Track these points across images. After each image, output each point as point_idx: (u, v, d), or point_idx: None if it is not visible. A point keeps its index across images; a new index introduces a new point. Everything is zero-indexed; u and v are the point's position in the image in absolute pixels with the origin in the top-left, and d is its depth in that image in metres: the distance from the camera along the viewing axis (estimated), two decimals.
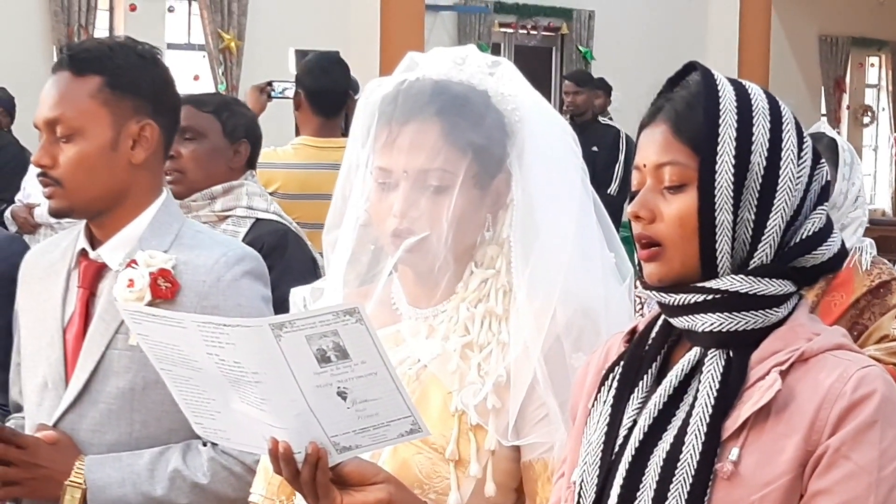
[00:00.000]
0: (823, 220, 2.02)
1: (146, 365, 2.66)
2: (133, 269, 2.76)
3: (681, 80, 2.06)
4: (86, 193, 2.79)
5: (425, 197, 2.44)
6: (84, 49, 2.86)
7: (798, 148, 2.01)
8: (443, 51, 2.59)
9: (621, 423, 2.03)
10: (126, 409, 2.78)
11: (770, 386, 1.93)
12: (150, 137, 2.83)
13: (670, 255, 1.99)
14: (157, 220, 2.85)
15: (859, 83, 22.55)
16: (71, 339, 2.82)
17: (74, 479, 2.72)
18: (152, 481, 2.74)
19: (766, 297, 1.97)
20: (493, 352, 2.44)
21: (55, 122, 2.78)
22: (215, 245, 2.89)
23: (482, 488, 2.40)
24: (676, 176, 1.99)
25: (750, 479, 1.92)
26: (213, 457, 2.76)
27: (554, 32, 17.71)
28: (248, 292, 2.84)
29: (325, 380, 1.92)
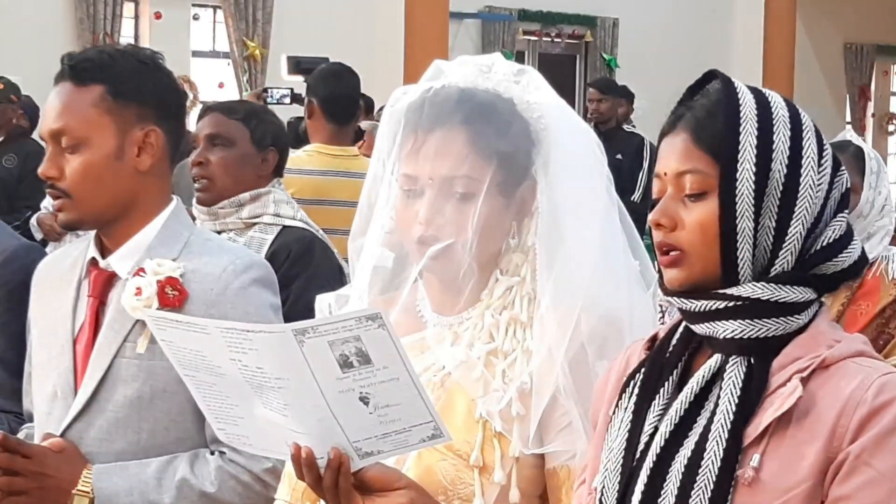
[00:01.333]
0: (844, 228, 2.03)
1: (154, 374, 2.69)
2: (141, 277, 2.74)
3: (701, 89, 2.07)
4: (94, 203, 2.77)
5: (451, 204, 2.44)
6: (85, 58, 2.82)
7: (818, 156, 2.01)
8: (468, 59, 2.58)
9: (642, 429, 2.03)
10: (134, 417, 2.77)
11: (791, 393, 1.93)
12: (156, 144, 2.82)
13: (691, 262, 1.99)
14: (166, 228, 2.83)
15: (884, 91, 22.51)
16: (81, 349, 2.80)
17: (82, 488, 2.71)
18: (160, 490, 2.73)
19: (787, 304, 1.98)
20: (518, 359, 2.44)
21: (59, 133, 2.77)
22: (224, 253, 2.87)
23: (506, 495, 2.40)
24: (697, 184, 1.99)
25: (771, 486, 1.92)
26: (221, 465, 2.75)
27: (578, 40, 17.72)
28: (257, 300, 2.82)
29: (348, 385, 1.92)
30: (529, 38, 17.25)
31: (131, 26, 13.87)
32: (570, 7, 17.29)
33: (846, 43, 21.18)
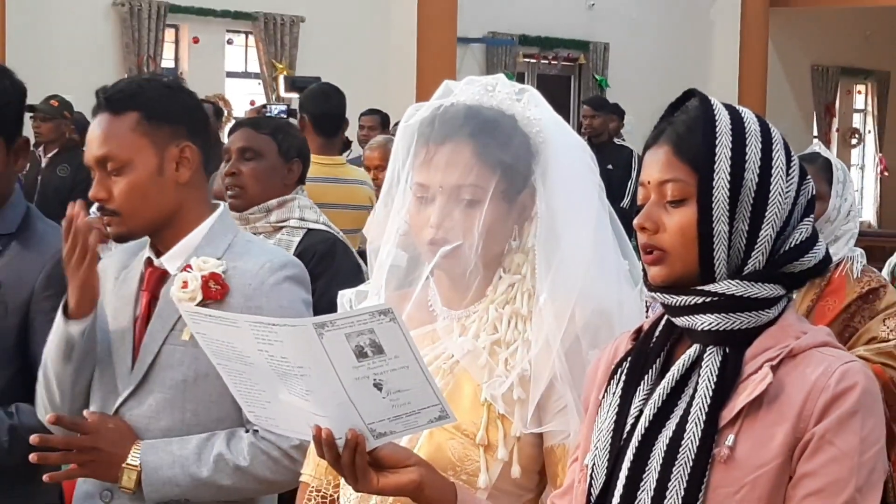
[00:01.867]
0: (809, 231, 2.03)
1: (197, 359, 2.69)
2: (188, 272, 2.77)
3: (681, 106, 2.07)
4: (141, 218, 2.79)
5: (459, 210, 2.45)
6: (118, 90, 2.82)
7: (786, 166, 2.01)
8: (474, 79, 2.58)
9: (629, 412, 2.03)
10: (179, 398, 2.78)
11: (762, 379, 1.93)
12: (191, 157, 2.83)
13: (672, 261, 1.99)
14: (212, 231, 2.85)
15: (848, 108, 22.47)
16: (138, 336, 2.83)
17: (131, 462, 2.72)
18: (199, 463, 2.73)
19: (758, 299, 1.98)
20: (519, 349, 2.44)
21: (104, 159, 2.77)
22: (262, 253, 2.88)
23: (508, 471, 2.40)
24: (678, 191, 1.99)
25: (744, 463, 1.92)
26: (253, 442, 2.75)
27: (572, 62, 17.69)
28: (290, 295, 2.83)
29: (363, 373, 1.91)
30: (529, 61, 17.22)
31: (172, 50, 13.86)
32: (566, 33, 17.28)
33: (813, 65, 21.14)
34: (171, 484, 2.73)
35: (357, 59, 14.75)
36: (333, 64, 14.46)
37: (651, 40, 18.14)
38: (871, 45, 21.94)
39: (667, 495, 1.93)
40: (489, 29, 16.37)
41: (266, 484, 2.81)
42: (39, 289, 3.02)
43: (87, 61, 12.44)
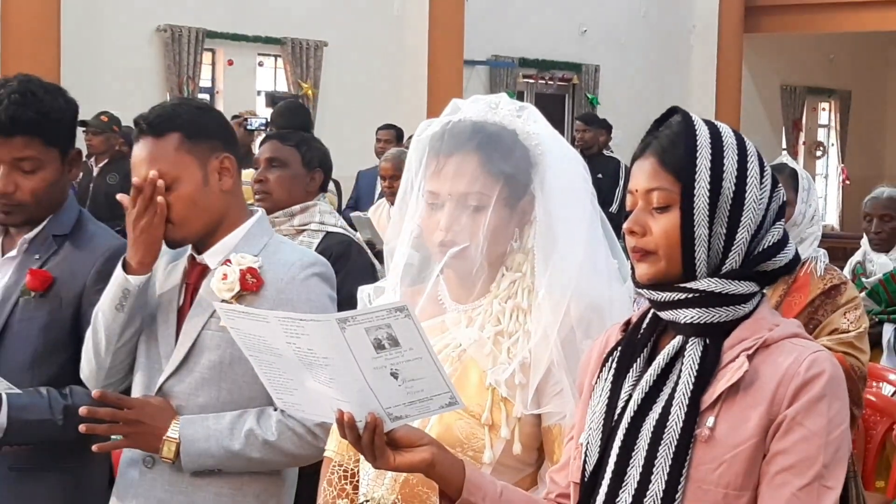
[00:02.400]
0: (781, 233, 2.02)
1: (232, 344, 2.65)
2: (227, 266, 2.78)
3: (665, 121, 2.06)
4: (193, 225, 2.79)
5: (466, 215, 2.45)
6: (156, 115, 2.81)
7: (760, 175, 2.00)
8: (480, 97, 2.58)
9: (619, 396, 2.03)
10: (215, 378, 2.79)
11: (739, 367, 1.93)
12: (230, 166, 2.83)
13: (658, 261, 1.99)
14: (250, 233, 2.85)
15: (813, 124, 22.44)
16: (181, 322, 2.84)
17: (171, 435, 2.73)
18: (231, 438, 2.74)
19: (735, 295, 1.97)
20: (520, 339, 2.44)
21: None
22: (294, 252, 2.89)
23: (510, 448, 2.41)
24: (662, 199, 1.99)
25: (723, 442, 1.92)
26: (281, 419, 2.75)
27: (567, 82, 17.67)
28: (317, 290, 2.84)
29: (381, 363, 1.91)
30: (528, 81, 17.20)
31: (209, 71, 13.86)
32: (561, 56, 17.27)
33: (782, 85, 21.12)
34: (206, 455, 2.74)
35: (374, 79, 14.76)
36: (353, 84, 14.50)
37: (637, 63, 18.15)
38: (835, 66, 21.94)
39: (653, 471, 1.93)
40: (492, 52, 16.36)
41: (291, 457, 2.81)
42: (90, 283, 3.02)
43: (133, 81, 12.46)
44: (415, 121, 3.75)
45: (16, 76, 3.07)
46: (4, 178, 2.99)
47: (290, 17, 13.99)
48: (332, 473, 2.63)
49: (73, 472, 3.03)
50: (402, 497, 2.43)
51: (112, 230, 3.25)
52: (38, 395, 2.95)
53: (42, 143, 3.00)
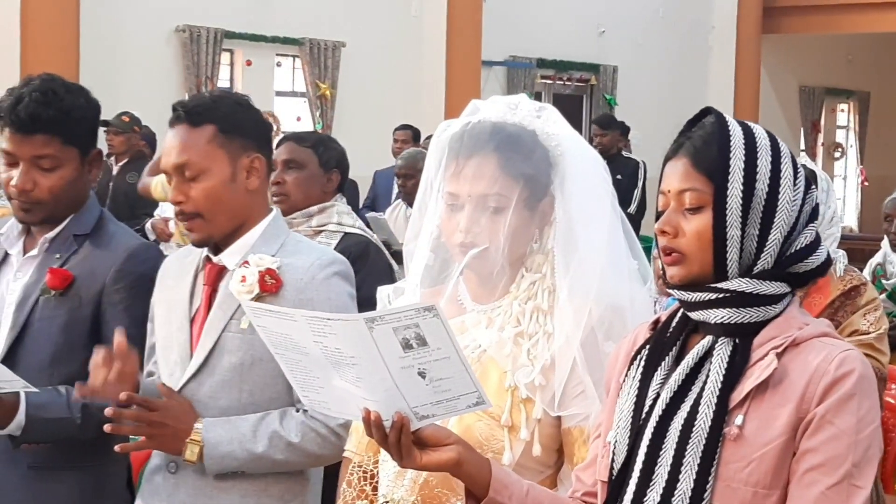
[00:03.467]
0: (813, 235, 2.02)
1: (253, 345, 2.70)
2: (246, 267, 2.76)
3: (698, 122, 2.05)
4: (219, 220, 2.79)
5: (486, 216, 2.45)
6: (196, 104, 2.83)
7: (794, 177, 2.00)
8: (499, 98, 2.58)
9: (647, 395, 2.02)
10: (236, 380, 2.78)
11: (768, 365, 1.92)
12: (260, 167, 2.83)
13: (689, 262, 1.98)
14: (266, 232, 2.85)
15: (832, 125, 22.38)
16: (196, 326, 2.82)
17: (194, 437, 2.72)
18: (255, 440, 2.73)
19: (766, 296, 1.97)
20: (540, 340, 2.44)
21: (183, 166, 2.77)
22: (312, 251, 2.88)
23: (530, 449, 2.40)
24: (695, 200, 1.98)
25: (752, 441, 1.91)
26: (304, 420, 2.75)
27: (585, 83, 17.65)
28: (337, 289, 2.82)
29: (408, 363, 1.90)
30: (546, 82, 17.18)
31: (227, 71, 13.86)
32: (578, 57, 17.25)
33: (801, 86, 21.06)
34: (230, 458, 2.73)
35: (392, 80, 14.76)
36: (370, 84, 14.50)
37: (655, 63, 18.10)
38: (853, 67, 21.87)
39: (682, 470, 1.93)
40: (510, 53, 16.35)
41: (314, 458, 2.81)
42: (110, 282, 3.03)
43: (153, 81, 12.49)
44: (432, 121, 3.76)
45: (39, 75, 3.08)
46: (24, 176, 3.00)
47: (308, 17, 14.00)
48: (351, 474, 2.63)
49: (92, 472, 3.04)
50: (422, 498, 2.43)
51: (131, 229, 3.26)
52: (57, 394, 2.95)
53: (61, 141, 3.01)
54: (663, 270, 2.04)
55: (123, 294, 3.02)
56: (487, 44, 15.40)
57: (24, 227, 3.14)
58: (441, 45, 15.07)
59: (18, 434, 2.92)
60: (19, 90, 3.01)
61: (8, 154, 3.02)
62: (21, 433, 2.91)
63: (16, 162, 3.01)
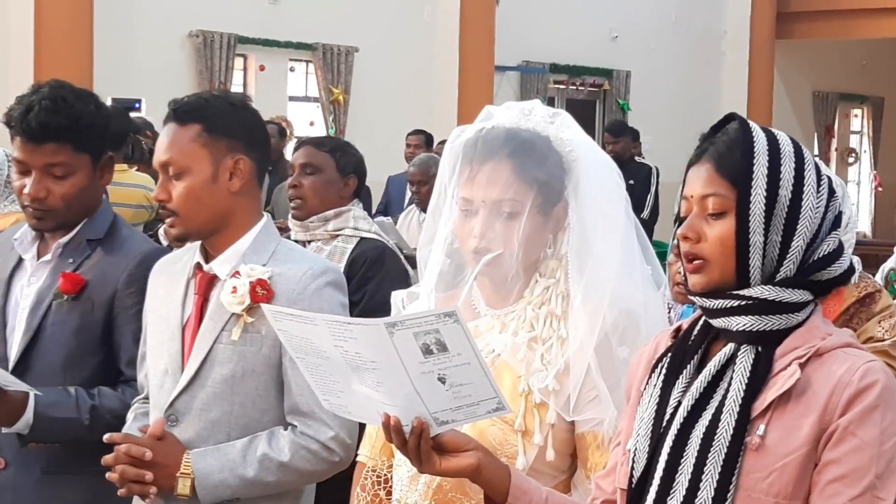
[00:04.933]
0: (837, 243, 2.00)
1: (245, 357, 2.70)
2: (236, 278, 2.73)
3: (722, 127, 2.04)
4: (196, 219, 2.76)
5: (500, 222, 2.45)
6: (185, 103, 2.82)
7: (817, 184, 1.99)
8: (513, 104, 2.58)
9: (668, 403, 2.01)
10: (227, 392, 2.74)
11: (791, 375, 1.91)
12: (244, 169, 2.79)
13: (711, 269, 1.97)
14: (258, 239, 2.81)
15: (845, 130, 22.34)
16: (188, 336, 2.79)
17: (184, 471, 2.69)
18: (245, 465, 2.70)
19: (789, 303, 1.95)
20: (554, 345, 2.44)
21: (167, 164, 2.76)
22: (304, 260, 2.84)
23: (544, 454, 2.41)
24: (718, 205, 1.97)
25: (774, 451, 1.90)
26: (293, 438, 2.72)
27: (598, 88, 17.64)
28: (330, 299, 2.78)
29: (428, 368, 1.90)
30: (559, 87, 17.16)
31: (241, 76, 13.88)
32: (591, 62, 17.24)
33: (814, 91, 21.03)
34: (223, 486, 2.70)
35: (405, 85, 14.77)
36: (383, 89, 14.51)
37: (668, 69, 18.09)
38: (867, 73, 21.83)
39: (703, 479, 1.91)
40: (523, 58, 16.36)
41: (307, 475, 2.78)
42: (122, 287, 3.04)
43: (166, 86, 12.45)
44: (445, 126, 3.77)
45: (48, 82, 3.08)
46: (36, 184, 3.01)
47: (321, 22, 14.02)
48: (365, 479, 2.64)
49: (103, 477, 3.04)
50: (436, 502, 2.43)
51: (143, 234, 3.26)
52: (66, 394, 2.97)
53: (72, 149, 3.02)
54: (684, 277, 2.04)
55: (135, 298, 3.02)
56: (500, 49, 15.40)
57: (36, 233, 3.14)
58: (454, 50, 15.07)
59: (26, 433, 2.93)
60: (29, 98, 3.01)
61: (20, 163, 3.03)
62: (29, 432, 2.92)
63: (28, 170, 3.02)
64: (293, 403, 2.71)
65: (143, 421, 2.87)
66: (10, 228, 3.27)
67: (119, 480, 2.68)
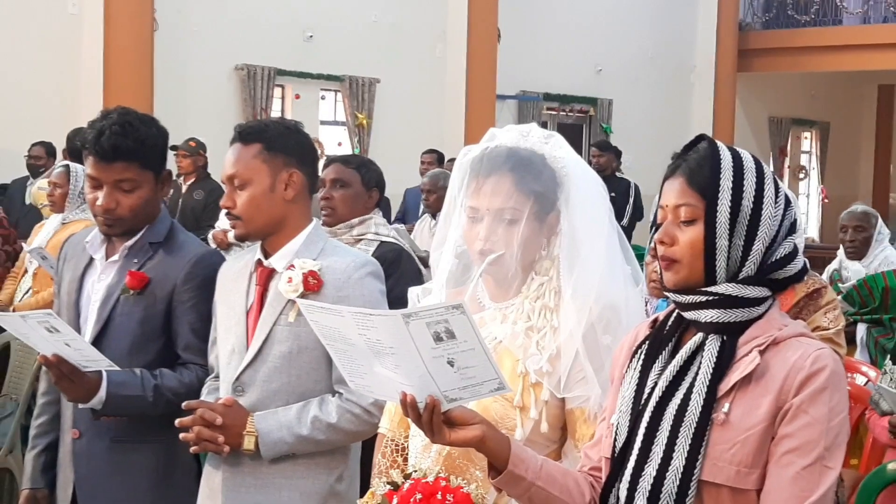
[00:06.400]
0: (792, 246, 2.00)
1: (299, 336, 2.72)
2: (291, 270, 2.76)
3: (693, 147, 2.04)
4: (256, 222, 2.80)
5: (502, 227, 2.44)
6: (248, 126, 2.86)
7: (775, 195, 1.99)
8: (513, 127, 2.58)
9: (646, 384, 2.02)
10: (285, 366, 2.77)
11: (752, 361, 1.91)
12: (297, 181, 2.83)
13: (683, 268, 1.97)
14: (308, 239, 2.84)
15: (797, 150, 22.28)
16: (251, 321, 2.82)
17: (249, 430, 2.73)
18: (299, 425, 2.73)
19: (750, 298, 1.95)
20: (547, 333, 2.44)
21: (233, 176, 2.81)
22: (348, 255, 2.87)
23: (538, 427, 2.40)
24: (689, 214, 1.97)
25: (737, 426, 1.90)
26: (340, 404, 2.75)
27: (584, 114, 17.61)
28: (370, 287, 2.82)
29: (439, 353, 1.90)
30: (551, 113, 17.13)
31: (279, 104, 13.89)
32: (579, 91, 17.23)
33: (770, 116, 20.99)
34: (281, 443, 2.73)
35: (420, 111, 14.78)
36: (402, 114, 14.52)
37: (645, 97, 18.08)
38: (816, 101, 21.81)
39: (675, 449, 1.91)
40: (520, 88, 16.34)
41: (352, 435, 2.80)
42: (180, 283, 3.05)
43: (215, 112, 12.53)
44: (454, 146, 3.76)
45: (115, 108, 3.09)
46: (107, 197, 3.02)
47: (348, 58, 14.05)
48: (385, 447, 2.64)
49: (165, 445, 3.04)
50: (445, 468, 2.42)
51: (198, 238, 3.27)
52: (133, 375, 2.98)
53: (139, 166, 3.03)
54: (660, 275, 2.04)
55: (191, 293, 3.04)
56: (501, 80, 15.39)
57: (105, 237, 3.15)
58: (461, 81, 15.07)
59: (99, 408, 2.94)
60: (100, 123, 3.03)
61: (93, 178, 3.05)
62: (101, 407, 2.94)
63: (100, 185, 3.04)
64: (340, 375, 2.71)
65: (214, 396, 2.90)
66: (81, 232, 3.28)
67: (195, 440, 2.71)
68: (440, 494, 2.26)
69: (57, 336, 2.80)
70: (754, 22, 19.71)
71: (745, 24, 19.55)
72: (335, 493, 2.81)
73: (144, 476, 3.05)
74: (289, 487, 2.77)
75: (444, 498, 2.26)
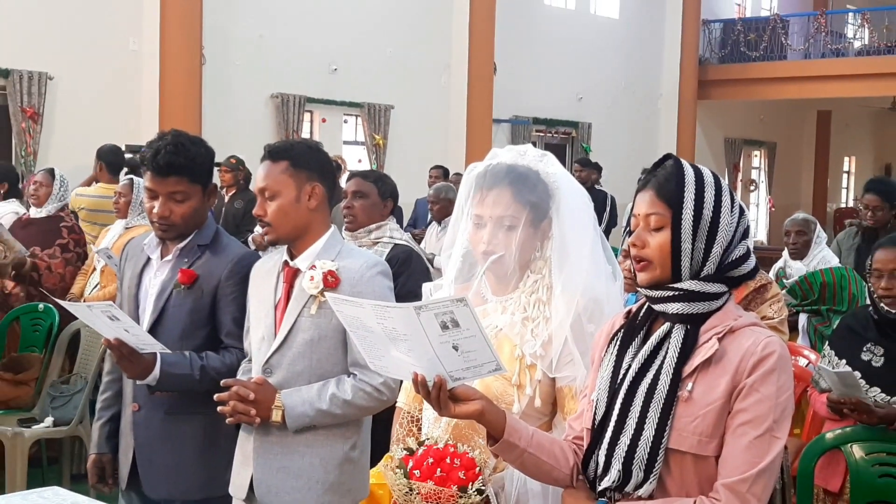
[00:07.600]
0: (745, 249, 1.99)
1: (320, 326, 2.70)
2: (313, 270, 2.74)
3: (662, 164, 2.04)
4: (284, 229, 2.78)
5: (502, 232, 2.44)
6: (277, 146, 2.83)
7: (731, 205, 1.98)
8: (511, 147, 2.58)
9: (622, 366, 2.01)
10: (308, 351, 2.74)
11: (711, 346, 1.91)
12: (318, 193, 2.80)
13: (653, 268, 1.97)
14: (328, 243, 2.81)
15: (748, 166, 22.30)
16: (279, 313, 2.80)
17: (277, 404, 2.70)
18: (319, 400, 2.70)
19: (710, 293, 1.95)
20: (541, 322, 2.44)
21: (263, 189, 2.78)
22: (361, 256, 2.84)
23: (532, 402, 2.40)
24: (657, 221, 1.97)
25: (698, 402, 1.90)
26: (354, 383, 2.72)
27: (567, 136, 17.62)
28: (380, 284, 2.78)
29: (446, 339, 1.89)
30: (539, 134, 17.16)
31: (308, 127, 13.92)
32: (563, 116, 17.25)
33: (725, 138, 21.01)
34: (304, 416, 2.70)
35: (428, 132, 14.80)
36: (412, 135, 14.55)
37: (619, 121, 18.10)
38: (764, 124, 21.84)
39: (646, 422, 1.91)
40: (513, 113, 16.35)
41: (364, 410, 2.77)
42: (224, 280, 3.03)
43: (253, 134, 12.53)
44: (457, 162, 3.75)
45: (170, 131, 3.10)
46: (162, 206, 3.02)
47: (367, 88, 14.09)
48: (402, 419, 2.66)
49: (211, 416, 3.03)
50: (454, 436, 2.43)
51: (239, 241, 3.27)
52: (183, 357, 2.97)
53: (189, 180, 3.03)
54: (632, 273, 2.03)
55: (233, 288, 3.03)
56: (497, 106, 15.42)
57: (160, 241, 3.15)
58: (463, 107, 15.09)
59: (154, 385, 2.94)
60: (156, 143, 3.03)
61: (150, 190, 3.05)
62: (156, 384, 2.94)
63: (156, 196, 3.04)
64: (354, 358, 2.72)
65: (247, 376, 2.89)
66: (140, 236, 3.29)
67: (230, 412, 2.70)
68: (449, 459, 2.27)
69: (117, 323, 2.80)
70: (712, 57, 19.73)
71: (704, 59, 19.57)
72: (349, 458, 2.79)
73: (193, 443, 3.04)
74: (310, 454, 2.75)
75: (452, 462, 2.26)
